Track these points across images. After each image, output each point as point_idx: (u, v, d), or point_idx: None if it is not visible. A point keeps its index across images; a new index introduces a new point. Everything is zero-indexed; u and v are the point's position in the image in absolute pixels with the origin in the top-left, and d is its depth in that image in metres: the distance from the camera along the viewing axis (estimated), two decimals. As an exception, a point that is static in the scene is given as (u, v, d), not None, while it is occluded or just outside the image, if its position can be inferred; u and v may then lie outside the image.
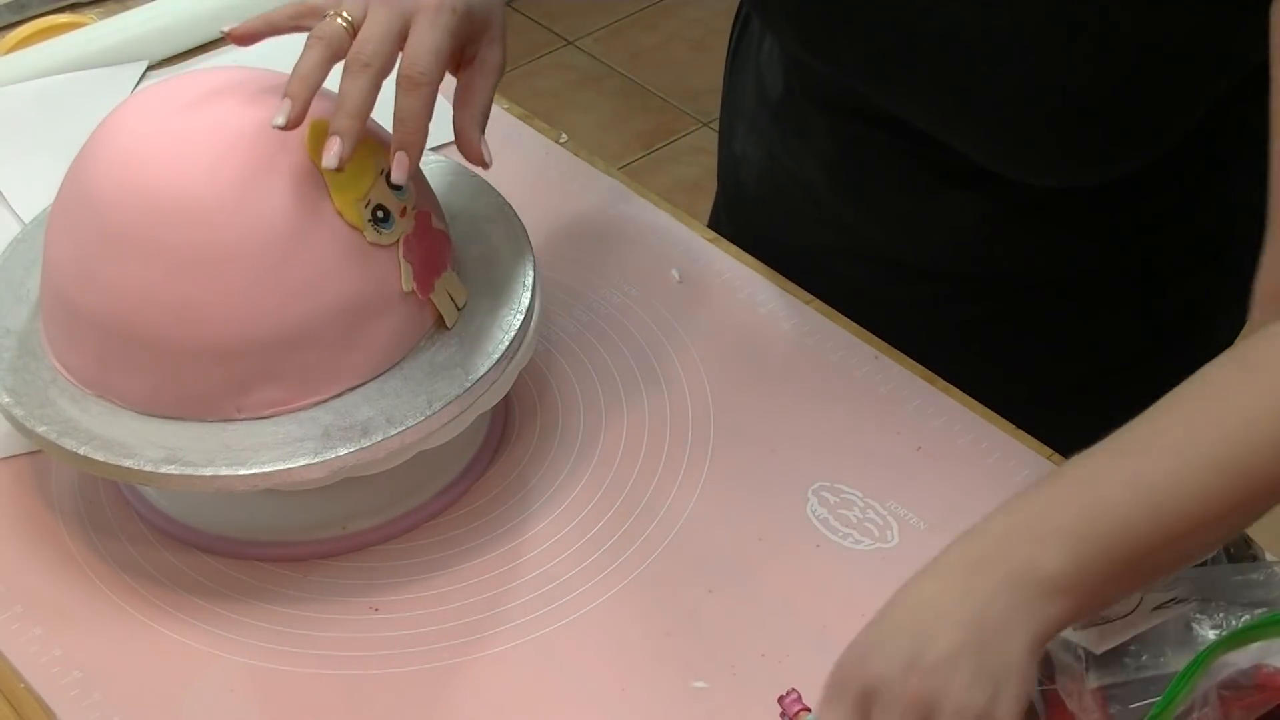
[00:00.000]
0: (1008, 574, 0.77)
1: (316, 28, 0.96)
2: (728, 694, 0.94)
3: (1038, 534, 0.78)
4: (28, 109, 1.36)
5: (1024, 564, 0.77)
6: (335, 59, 0.96)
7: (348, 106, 0.94)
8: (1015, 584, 0.77)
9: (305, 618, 0.99)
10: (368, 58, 0.94)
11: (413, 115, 0.95)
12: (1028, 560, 0.77)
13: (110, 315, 0.96)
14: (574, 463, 1.07)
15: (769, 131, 1.25)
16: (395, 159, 0.96)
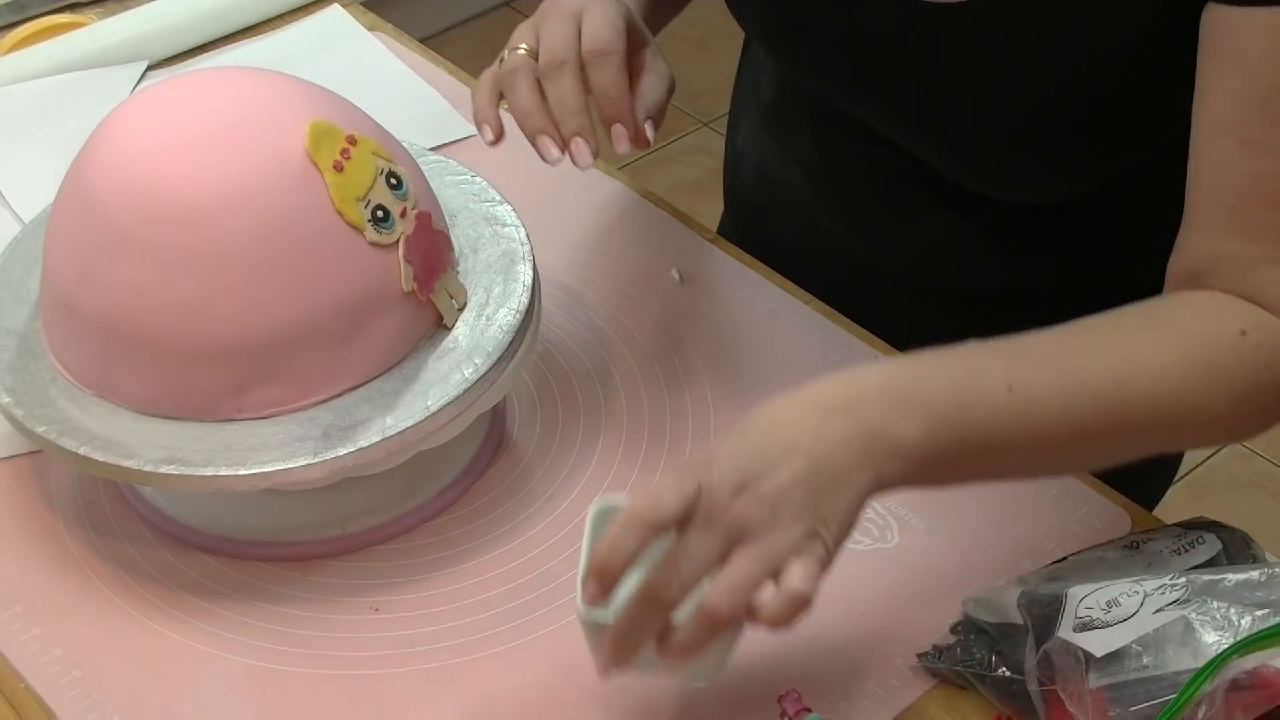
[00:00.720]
0: (864, 428, 0.80)
1: (504, 68, 0.98)
2: (728, 694, 0.94)
3: (907, 402, 0.81)
4: (28, 109, 1.36)
5: (881, 424, 0.80)
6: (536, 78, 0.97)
7: (567, 107, 0.95)
8: (867, 439, 0.80)
9: (305, 618, 0.99)
10: (558, 59, 0.95)
11: (610, 86, 0.95)
12: (886, 422, 0.80)
13: (110, 315, 0.96)
14: (574, 463, 1.07)
15: (762, 132, 1.25)
16: (613, 132, 0.96)
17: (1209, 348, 0.88)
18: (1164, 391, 0.86)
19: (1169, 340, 0.87)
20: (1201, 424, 0.89)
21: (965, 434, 0.82)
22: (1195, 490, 2.31)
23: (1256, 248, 0.89)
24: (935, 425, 0.81)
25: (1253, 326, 0.88)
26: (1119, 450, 0.90)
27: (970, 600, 0.94)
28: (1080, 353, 0.86)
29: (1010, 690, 0.91)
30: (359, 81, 1.20)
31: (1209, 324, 0.88)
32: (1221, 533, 0.94)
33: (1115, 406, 0.85)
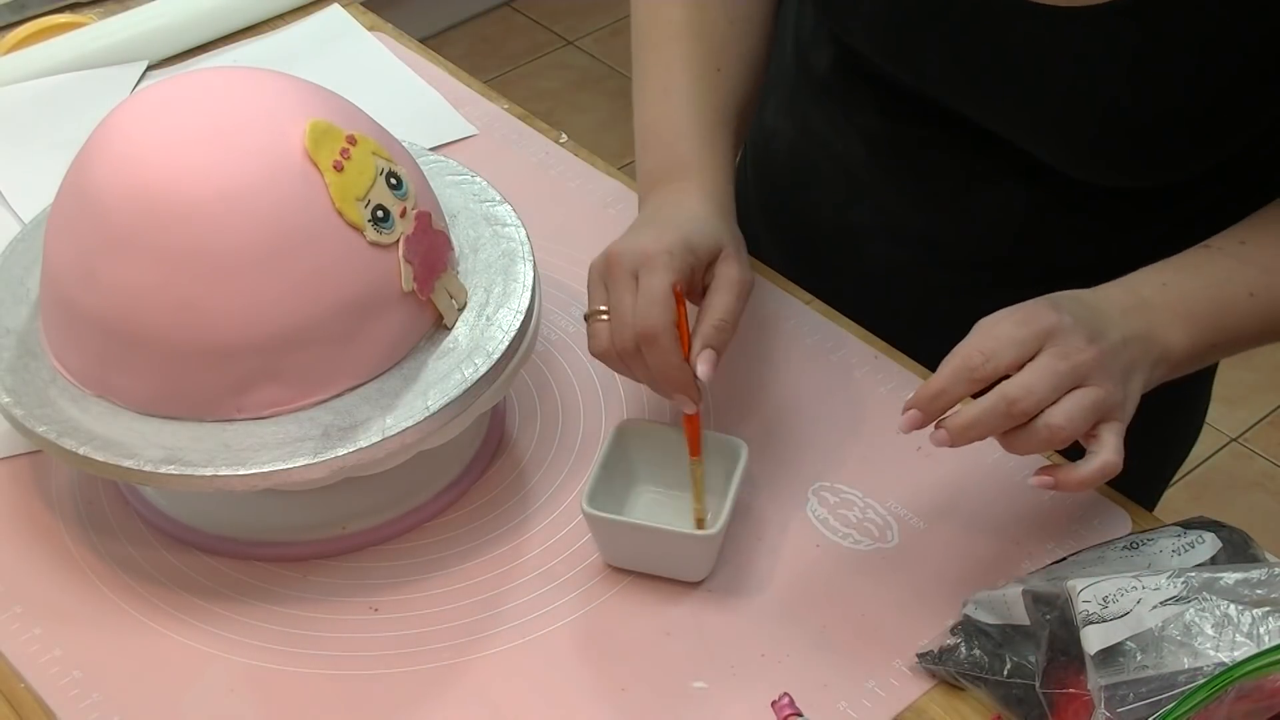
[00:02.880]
0: (1146, 330, 0.95)
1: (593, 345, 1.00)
2: (728, 694, 0.94)
3: (1175, 312, 0.97)
4: (28, 109, 1.36)
5: (1158, 330, 0.96)
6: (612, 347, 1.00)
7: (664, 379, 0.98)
8: (1148, 340, 0.95)
9: (305, 618, 0.99)
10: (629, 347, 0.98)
11: (661, 367, 0.98)
12: (1160, 328, 0.96)
13: (110, 315, 0.96)
14: (574, 463, 1.07)
15: (808, 105, 1.24)
16: (675, 400, 0.99)
17: None
18: None
19: None
20: None
21: (1217, 339, 0.99)
22: (1195, 490, 2.31)
23: None
24: (1196, 334, 0.97)
25: None
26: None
27: (970, 601, 0.94)
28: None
29: (1011, 693, 0.91)
30: (359, 81, 1.20)
31: None
32: (1221, 532, 0.94)
33: None
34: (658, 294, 0.97)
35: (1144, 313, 0.96)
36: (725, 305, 1.00)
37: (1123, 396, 0.93)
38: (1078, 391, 0.91)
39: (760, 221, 1.32)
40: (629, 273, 0.99)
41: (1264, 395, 2.46)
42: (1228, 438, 2.41)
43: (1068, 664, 0.87)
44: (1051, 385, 0.90)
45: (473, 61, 2.87)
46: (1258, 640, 0.82)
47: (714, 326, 0.99)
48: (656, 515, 1.01)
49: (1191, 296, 0.98)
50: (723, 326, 0.99)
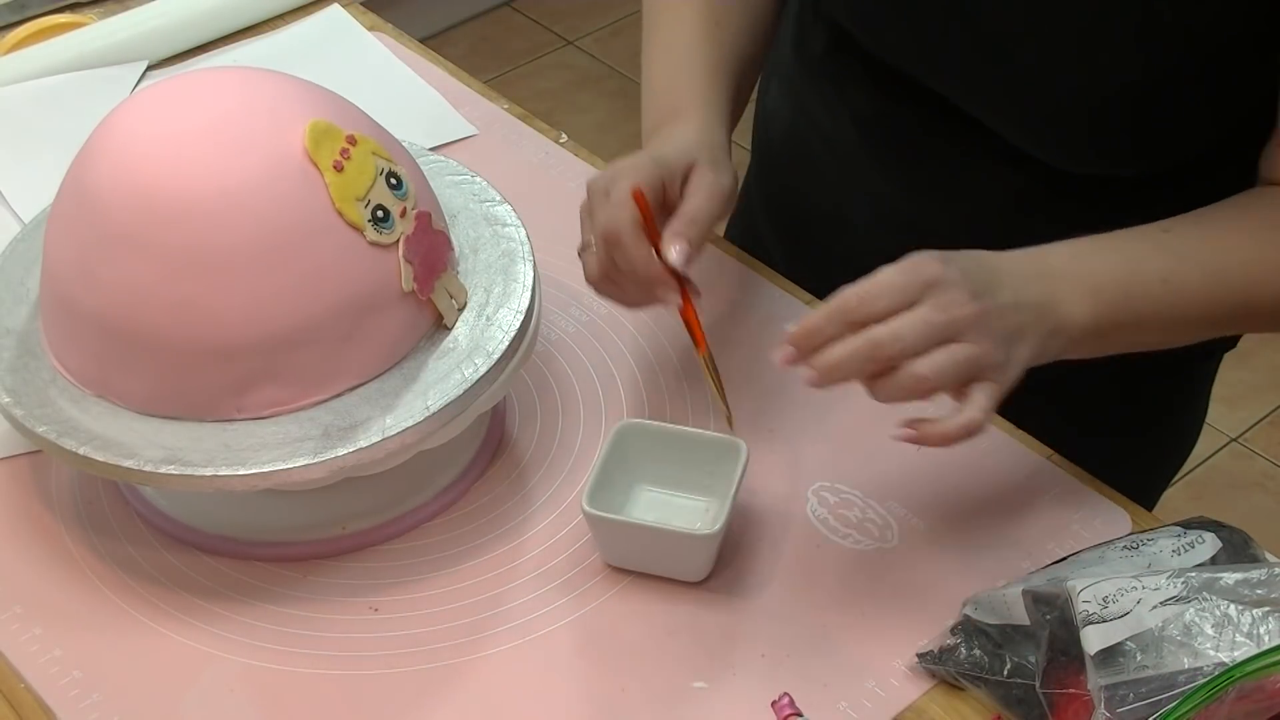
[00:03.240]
0: (1046, 299, 0.94)
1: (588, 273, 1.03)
2: (728, 694, 0.94)
3: (1082, 285, 0.95)
4: (28, 109, 1.36)
5: (1059, 300, 0.94)
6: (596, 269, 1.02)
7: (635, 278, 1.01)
8: (1046, 309, 0.93)
9: (305, 618, 0.99)
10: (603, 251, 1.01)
11: (630, 264, 1.00)
12: (1062, 300, 0.94)
13: (110, 315, 0.96)
14: (574, 463, 1.07)
15: (804, 87, 1.24)
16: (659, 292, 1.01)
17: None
18: None
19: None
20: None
21: (1122, 319, 0.96)
22: (1195, 490, 2.31)
23: None
24: (1100, 309, 0.95)
25: None
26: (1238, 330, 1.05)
27: (970, 601, 0.94)
28: (1220, 250, 0.98)
29: (1012, 693, 0.91)
30: (359, 81, 1.20)
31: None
32: (1221, 532, 0.94)
33: (1247, 304, 0.99)
34: (619, 198, 1.00)
35: (1046, 281, 0.95)
36: (695, 204, 1.01)
37: (1003, 359, 0.91)
38: (952, 346, 0.90)
39: (763, 216, 1.32)
40: (602, 194, 1.02)
41: (1264, 395, 2.46)
42: (1228, 438, 2.41)
43: (1068, 664, 0.87)
44: (921, 334, 0.89)
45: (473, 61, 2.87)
46: (1258, 640, 0.82)
47: (682, 221, 1.00)
48: (656, 515, 1.01)
49: (1100, 272, 0.96)
50: (691, 221, 1.00)
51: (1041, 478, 1.06)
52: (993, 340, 0.91)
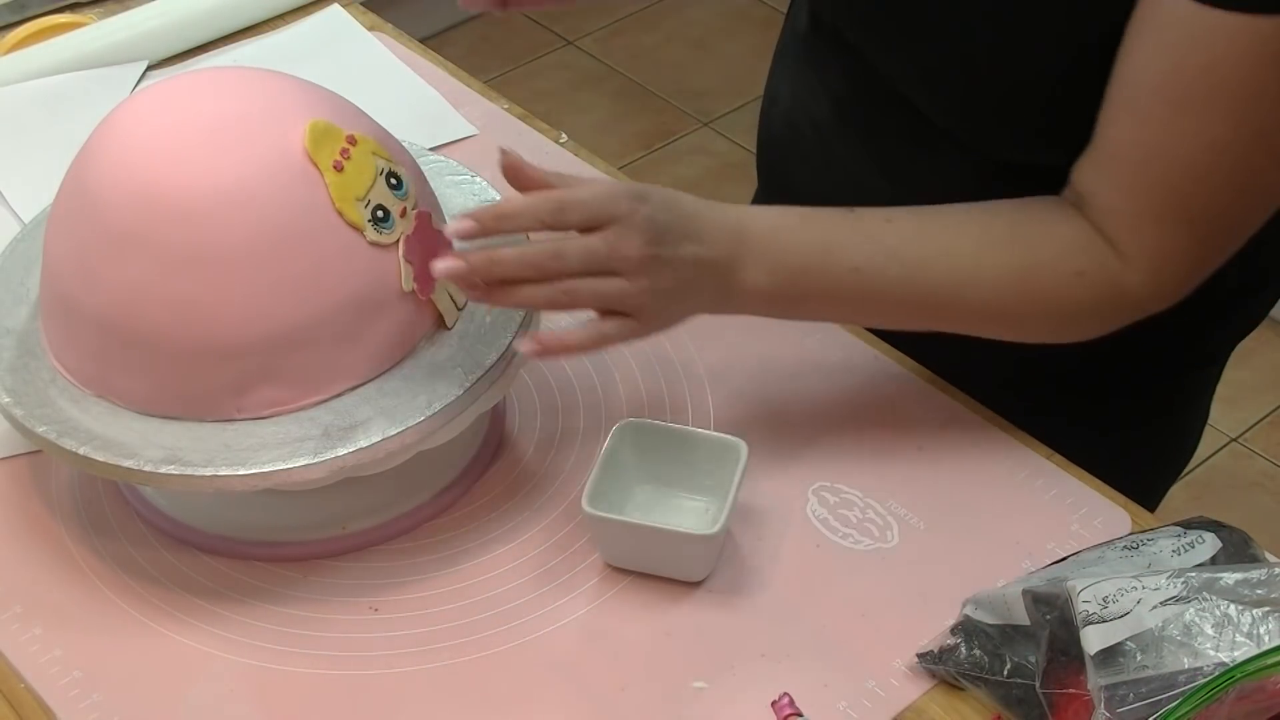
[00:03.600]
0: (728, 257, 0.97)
1: None
2: (728, 694, 0.94)
3: (768, 255, 0.98)
4: (28, 109, 1.36)
5: (740, 265, 0.98)
6: None
7: None
8: (724, 269, 0.97)
9: (305, 618, 0.99)
10: None
11: None
12: (743, 265, 0.98)
13: (110, 315, 0.96)
14: (574, 463, 1.07)
15: (795, 67, 1.25)
16: None
17: (1047, 279, 1.00)
18: (993, 305, 1.01)
19: (1017, 261, 1.00)
20: (1020, 333, 1.04)
21: (806, 294, 1.00)
22: (1195, 490, 2.31)
23: (1120, 200, 0.98)
24: (781, 280, 0.98)
25: (1094, 268, 1.00)
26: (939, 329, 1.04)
27: (970, 601, 0.94)
28: (932, 251, 1.00)
29: (1012, 693, 0.91)
30: (359, 81, 1.20)
31: (1057, 256, 1.00)
32: (1221, 532, 0.94)
33: (947, 306, 1.01)
34: None
35: (737, 241, 0.98)
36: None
37: (656, 306, 0.95)
38: (605, 279, 0.94)
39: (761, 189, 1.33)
40: None
41: (1264, 395, 2.46)
42: (1228, 438, 2.41)
43: (1068, 664, 0.87)
44: (580, 261, 0.94)
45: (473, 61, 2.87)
46: (1258, 640, 0.82)
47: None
48: (656, 515, 1.01)
49: (790, 250, 0.99)
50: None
51: (1041, 478, 1.06)
52: (650, 285, 0.95)
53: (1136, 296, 1.01)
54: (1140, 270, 0.99)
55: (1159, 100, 0.95)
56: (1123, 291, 1.00)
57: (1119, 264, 0.99)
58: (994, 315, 1.02)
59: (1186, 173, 0.96)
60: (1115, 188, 0.99)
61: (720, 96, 3.01)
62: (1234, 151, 0.95)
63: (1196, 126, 0.94)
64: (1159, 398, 1.22)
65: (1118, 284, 1.00)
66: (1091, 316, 1.02)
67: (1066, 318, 1.02)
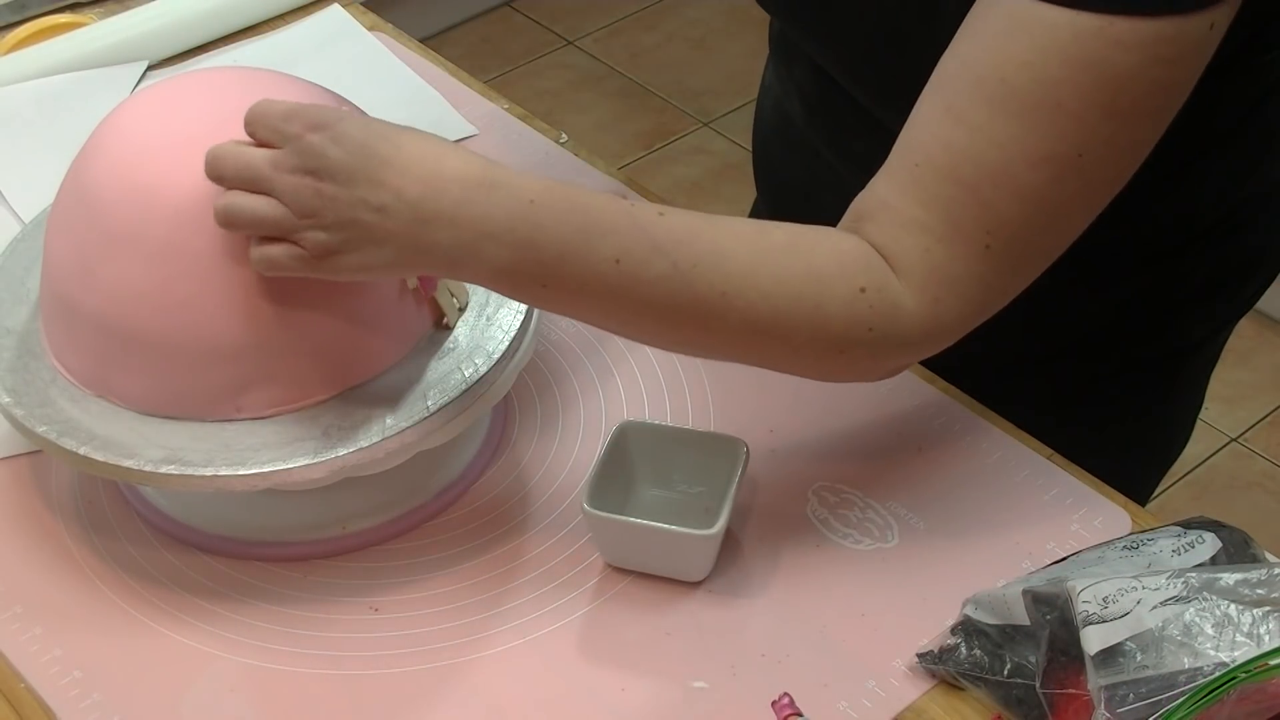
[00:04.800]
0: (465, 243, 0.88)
1: None
2: (728, 694, 0.94)
3: (515, 235, 0.88)
4: (28, 109, 1.36)
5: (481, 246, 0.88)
6: None
7: None
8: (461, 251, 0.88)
9: (305, 618, 0.99)
10: None
11: None
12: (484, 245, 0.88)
13: (110, 315, 0.96)
14: (574, 463, 1.07)
15: (776, 62, 1.25)
16: None
17: (826, 293, 0.91)
18: (763, 316, 0.91)
19: (794, 272, 0.91)
20: (787, 355, 0.94)
21: (551, 280, 0.89)
22: (1195, 490, 2.31)
23: (917, 211, 0.91)
24: (526, 260, 0.89)
25: (874, 288, 0.91)
26: (700, 349, 0.96)
27: (970, 601, 0.94)
28: (706, 251, 0.90)
29: (1012, 693, 0.91)
30: (359, 81, 1.20)
31: (837, 270, 0.91)
32: (1221, 532, 0.94)
33: (713, 314, 0.91)
34: None
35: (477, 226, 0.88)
36: None
37: (325, 248, 0.89)
38: (255, 197, 0.90)
39: (761, 199, 1.33)
40: None
41: (1264, 395, 2.46)
42: (1228, 438, 2.41)
43: (1068, 664, 0.87)
44: (234, 173, 0.90)
45: (473, 61, 2.88)
46: (1258, 640, 0.82)
47: None
48: (656, 515, 1.01)
49: (548, 227, 0.89)
50: None
51: (1041, 478, 1.06)
52: (313, 222, 0.88)
53: (908, 327, 0.92)
54: (920, 295, 0.91)
55: (979, 98, 0.88)
56: (898, 318, 0.91)
57: (899, 285, 0.91)
58: (761, 331, 0.91)
59: (996, 186, 0.89)
60: (911, 196, 0.91)
61: (720, 96, 3.01)
62: (1049, 169, 0.88)
63: (1014, 133, 0.88)
64: (1149, 386, 1.22)
65: (895, 308, 0.91)
66: (862, 345, 0.92)
67: (836, 341, 0.92)
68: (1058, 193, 0.90)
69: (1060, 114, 0.87)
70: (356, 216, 0.88)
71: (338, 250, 0.89)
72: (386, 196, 0.88)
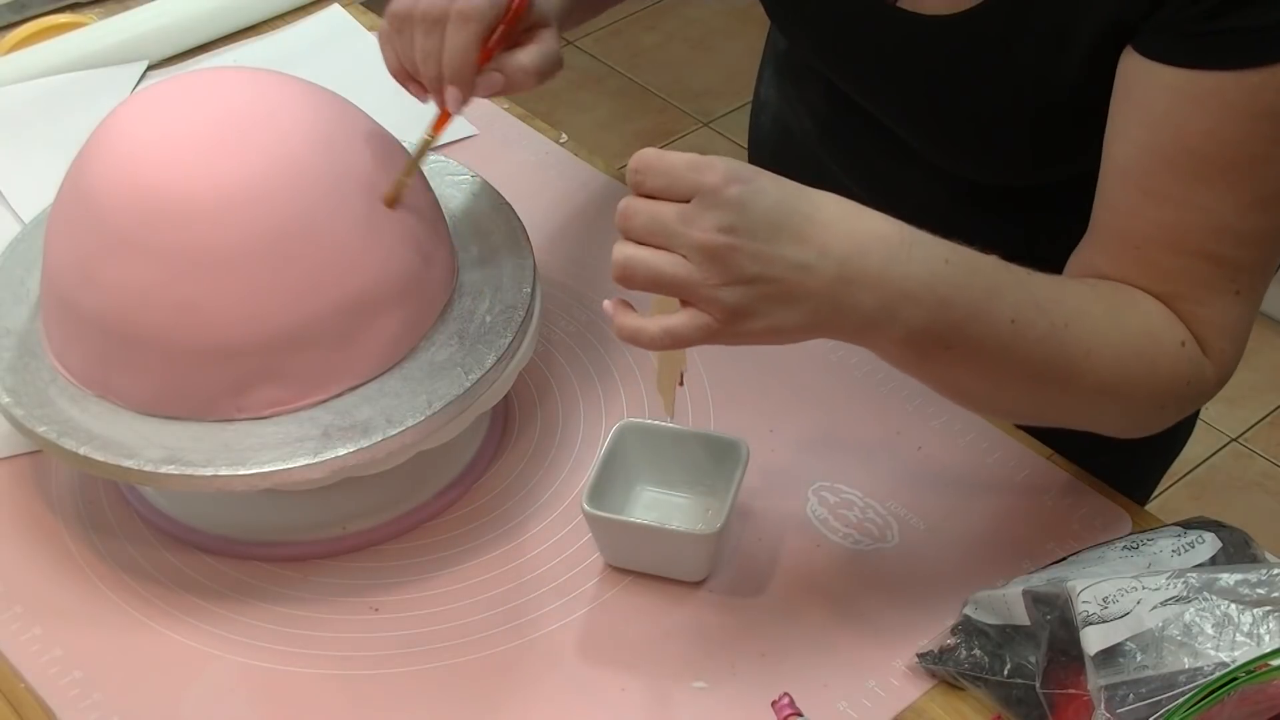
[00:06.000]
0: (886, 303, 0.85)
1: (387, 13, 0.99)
2: (728, 694, 0.94)
3: (934, 295, 0.86)
4: (28, 109, 1.36)
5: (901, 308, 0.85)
6: None
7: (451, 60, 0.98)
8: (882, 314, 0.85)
9: (305, 618, 0.99)
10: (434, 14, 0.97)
11: (456, 51, 0.97)
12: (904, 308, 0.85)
13: (110, 315, 0.96)
14: (574, 463, 1.07)
15: (783, 80, 1.26)
16: (446, 93, 0.98)
17: (1158, 349, 0.93)
18: (1114, 374, 0.92)
19: (1135, 328, 0.93)
20: (1120, 412, 0.96)
21: (956, 342, 0.87)
22: (1195, 490, 2.31)
23: (1164, 286, 0.94)
24: (938, 326, 0.86)
25: (1190, 342, 0.95)
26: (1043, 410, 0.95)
27: (970, 602, 0.94)
28: (1073, 310, 0.91)
29: (1012, 693, 0.91)
30: (359, 81, 1.20)
31: (1164, 325, 0.94)
32: (1221, 532, 0.94)
33: (1075, 374, 0.91)
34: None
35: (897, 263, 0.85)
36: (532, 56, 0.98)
37: (736, 311, 0.83)
38: (662, 253, 0.83)
39: None
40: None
41: (1264, 395, 2.46)
42: (1228, 438, 2.41)
43: (1068, 664, 0.87)
44: (643, 227, 0.83)
45: (473, 61, 2.87)
46: (1258, 640, 0.82)
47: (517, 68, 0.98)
48: (656, 515, 1.01)
49: (962, 284, 0.87)
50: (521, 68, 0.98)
51: (1041, 478, 1.06)
52: (723, 280, 0.82)
53: (1208, 379, 0.96)
54: (1211, 345, 0.95)
55: (1173, 176, 0.91)
56: (1204, 371, 0.95)
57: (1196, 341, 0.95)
58: (1108, 390, 0.92)
59: (1220, 242, 0.92)
60: (1151, 276, 0.94)
61: (720, 96, 3.01)
62: (1261, 210, 0.92)
63: (1219, 193, 0.91)
64: None
65: (1203, 362, 0.95)
66: (1178, 399, 0.96)
67: (1161, 396, 0.95)
68: (1275, 223, 0.93)
69: (1255, 163, 0.91)
70: (776, 274, 0.83)
71: (748, 313, 0.83)
72: (810, 254, 0.83)
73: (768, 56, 1.31)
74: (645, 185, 0.84)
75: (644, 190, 0.84)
